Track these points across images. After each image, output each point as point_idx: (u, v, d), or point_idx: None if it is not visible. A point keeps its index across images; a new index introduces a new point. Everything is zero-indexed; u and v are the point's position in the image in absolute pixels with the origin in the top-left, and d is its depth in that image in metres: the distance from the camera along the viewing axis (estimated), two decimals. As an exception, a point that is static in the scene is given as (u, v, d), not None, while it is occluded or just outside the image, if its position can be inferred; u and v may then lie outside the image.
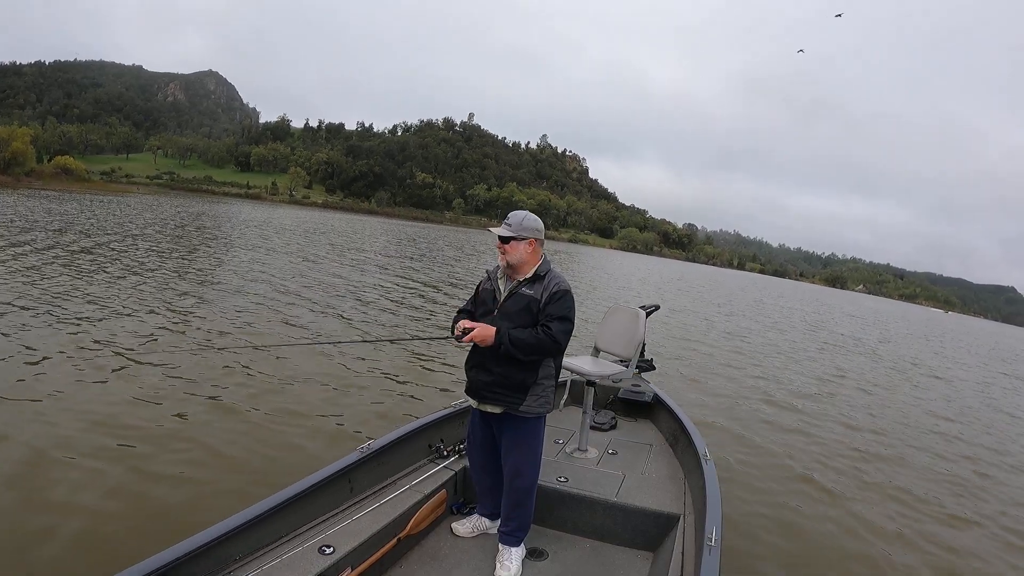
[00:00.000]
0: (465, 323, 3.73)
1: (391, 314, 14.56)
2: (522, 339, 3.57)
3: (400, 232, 69.06)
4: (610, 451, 5.44)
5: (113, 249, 19.85)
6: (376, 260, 28.60)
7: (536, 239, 3.79)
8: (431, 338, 5.16)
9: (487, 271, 4.03)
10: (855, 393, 13.70)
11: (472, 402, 3.92)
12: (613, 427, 6.18)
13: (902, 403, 13.49)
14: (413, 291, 19.80)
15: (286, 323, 11.84)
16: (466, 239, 76.56)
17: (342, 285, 18.47)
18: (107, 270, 15.29)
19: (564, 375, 4.84)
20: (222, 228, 37.22)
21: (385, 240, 48.94)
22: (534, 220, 3.82)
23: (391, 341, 10.85)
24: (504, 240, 3.75)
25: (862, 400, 12.99)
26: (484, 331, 3.62)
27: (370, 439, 4.24)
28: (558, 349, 3.66)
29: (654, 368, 7.10)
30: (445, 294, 20.23)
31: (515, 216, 3.82)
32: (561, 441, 5.55)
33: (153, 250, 21.03)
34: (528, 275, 3.78)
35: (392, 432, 4.45)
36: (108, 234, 24.41)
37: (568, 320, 3.66)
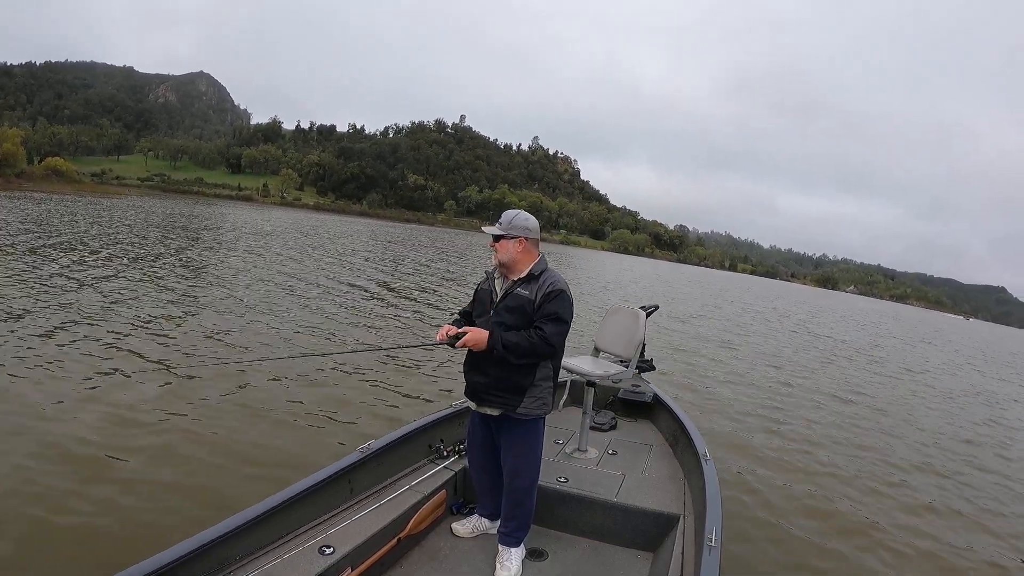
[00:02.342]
0: (451, 329, 3.68)
1: (378, 318, 14.56)
2: (515, 343, 3.53)
3: (391, 234, 68.89)
4: (610, 451, 5.44)
5: (96, 254, 19.78)
6: (361, 265, 28.47)
7: (526, 238, 3.75)
8: (424, 345, 5.03)
9: (486, 272, 4.00)
10: (865, 399, 13.73)
11: (471, 404, 3.90)
12: (613, 427, 6.17)
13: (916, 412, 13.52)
14: (402, 295, 19.78)
15: (272, 331, 11.81)
16: (458, 240, 76.64)
17: (325, 289, 18.43)
18: (80, 277, 15.18)
19: (564, 375, 4.82)
20: (209, 231, 37.10)
21: (374, 243, 48.80)
22: (524, 219, 3.78)
23: (384, 349, 10.84)
24: (495, 239, 3.75)
25: (871, 406, 13.01)
26: (476, 335, 3.58)
27: (370, 440, 4.22)
28: (552, 351, 3.63)
29: (654, 368, 7.09)
30: (436, 296, 20.23)
31: (506, 215, 3.81)
32: (561, 441, 5.54)
33: (135, 255, 20.95)
34: (523, 274, 3.75)
35: (392, 432, 4.43)
36: (95, 239, 24.31)
37: (562, 321, 3.61)
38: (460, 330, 3.65)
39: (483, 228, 3.88)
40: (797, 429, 9.64)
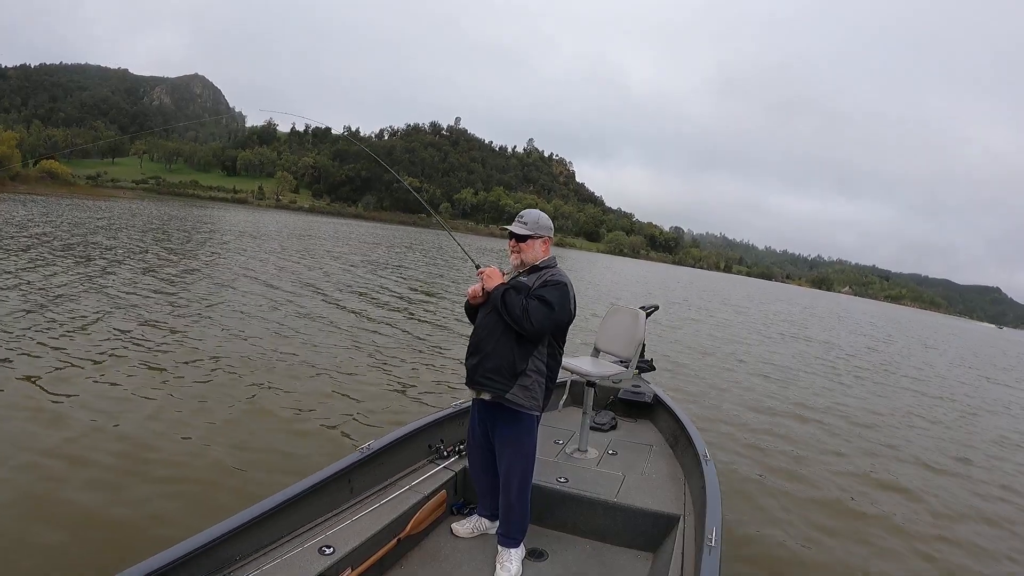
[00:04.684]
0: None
1: (379, 321, 14.55)
2: (511, 297, 3.58)
3: (390, 238, 68.82)
4: (610, 451, 5.43)
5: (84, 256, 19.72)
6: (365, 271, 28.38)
7: (550, 238, 3.86)
8: (468, 255, 4.85)
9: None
10: (859, 398, 13.74)
11: (471, 392, 3.89)
12: (613, 427, 6.16)
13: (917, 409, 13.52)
14: (404, 298, 19.76)
15: (275, 329, 11.79)
16: (452, 243, 76.14)
17: (322, 291, 18.38)
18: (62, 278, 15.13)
19: (564, 375, 4.82)
20: (200, 234, 37.02)
21: (374, 247, 48.70)
22: (547, 219, 3.88)
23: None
24: (520, 239, 3.78)
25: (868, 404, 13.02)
26: (494, 271, 3.77)
27: (370, 439, 4.22)
28: (530, 328, 3.55)
29: (654, 368, 7.12)
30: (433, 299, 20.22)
31: (530, 214, 3.85)
32: (561, 441, 5.53)
33: (120, 259, 20.87)
34: (528, 267, 3.82)
35: (392, 432, 4.44)
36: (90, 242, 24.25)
37: (549, 305, 3.57)
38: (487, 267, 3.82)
39: (504, 228, 3.93)
40: (798, 430, 9.65)
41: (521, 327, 3.56)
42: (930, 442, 10.36)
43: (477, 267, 3.86)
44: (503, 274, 3.91)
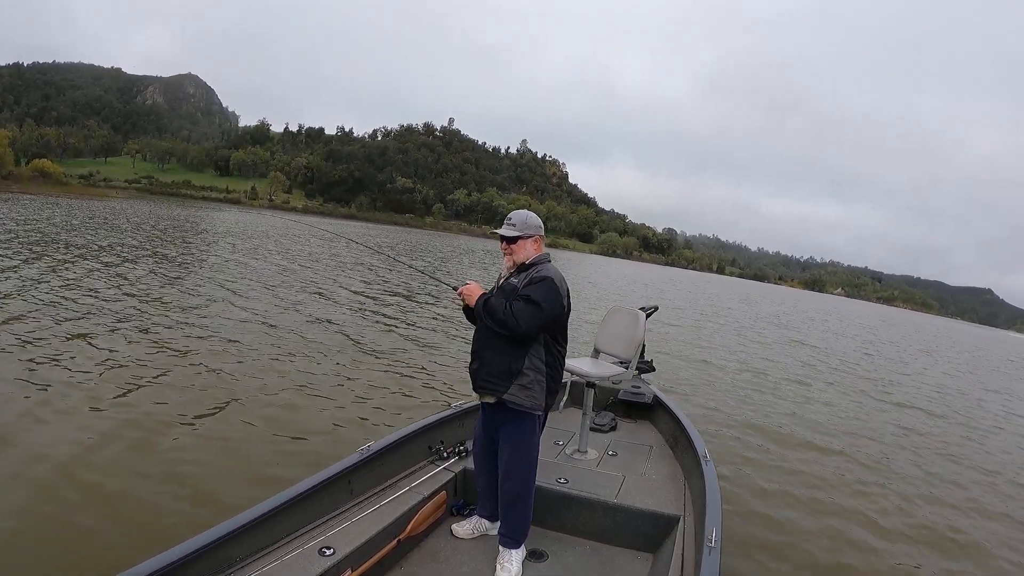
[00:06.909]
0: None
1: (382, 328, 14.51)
2: (493, 305, 3.62)
3: (385, 239, 68.82)
4: (610, 452, 5.42)
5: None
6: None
7: (540, 236, 3.86)
8: (439, 280, 4.96)
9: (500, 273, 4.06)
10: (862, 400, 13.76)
11: (475, 395, 3.91)
12: (613, 428, 6.15)
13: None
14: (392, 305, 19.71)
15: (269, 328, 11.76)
16: (442, 244, 76.47)
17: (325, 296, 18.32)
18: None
19: (564, 376, 4.82)
20: (190, 236, 36.88)
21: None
22: (536, 218, 3.89)
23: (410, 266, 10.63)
24: (511, 241, 3.79)
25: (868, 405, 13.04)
26: (472, 287, 3.83)
27: (370, 440, 4.21)
28: (517, 329, 3.55)
29: (654, 369, 7.11)
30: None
31: (517, 215, 3.86)
32: (561, 442, 5.53)
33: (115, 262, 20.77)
34: (518, 265, 3.84)
35: (392, 433, 4.43)
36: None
37: (535, 303, 3.56)
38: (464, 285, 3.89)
39: (493, 231, 3.96)
40: (799, 431, 9.64)
41: (509, 330, 3.57)
42: (934, 450, 10.36)
43: (455, 289, 3.91)
44: (501, 278, 3.94)
